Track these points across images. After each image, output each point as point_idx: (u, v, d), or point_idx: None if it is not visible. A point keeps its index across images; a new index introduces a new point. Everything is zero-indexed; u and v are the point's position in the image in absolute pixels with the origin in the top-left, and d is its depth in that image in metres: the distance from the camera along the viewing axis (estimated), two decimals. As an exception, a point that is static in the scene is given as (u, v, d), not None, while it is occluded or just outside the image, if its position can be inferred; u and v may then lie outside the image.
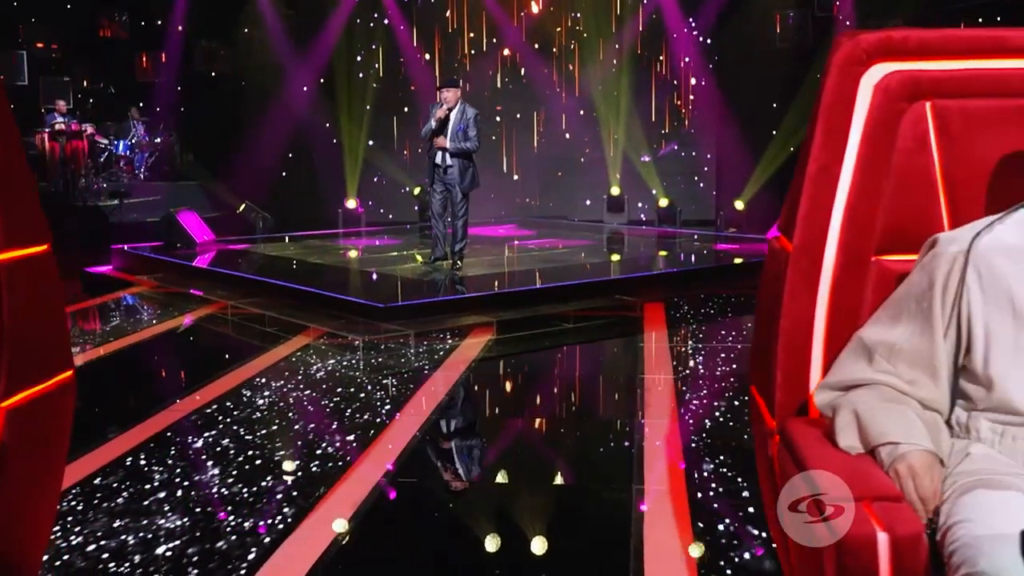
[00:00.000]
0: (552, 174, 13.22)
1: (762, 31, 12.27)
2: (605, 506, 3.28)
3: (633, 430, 4.07)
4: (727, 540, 2.89)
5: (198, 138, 13.39)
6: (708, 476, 3.45)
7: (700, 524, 3.00)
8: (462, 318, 6.15)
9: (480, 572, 2.83)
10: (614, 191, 12.46)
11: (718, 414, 4.24)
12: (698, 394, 4.62)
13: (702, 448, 3.80)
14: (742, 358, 5.23)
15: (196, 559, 2.78)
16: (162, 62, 13.68)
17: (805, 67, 10.19)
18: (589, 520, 3.18)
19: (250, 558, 2.79)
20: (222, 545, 2.88)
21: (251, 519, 3.09)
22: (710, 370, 5.06)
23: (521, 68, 13.15)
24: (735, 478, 3.40)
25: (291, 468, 3.61)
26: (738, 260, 8.64)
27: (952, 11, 11.37)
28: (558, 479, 3.58)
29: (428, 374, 5.06)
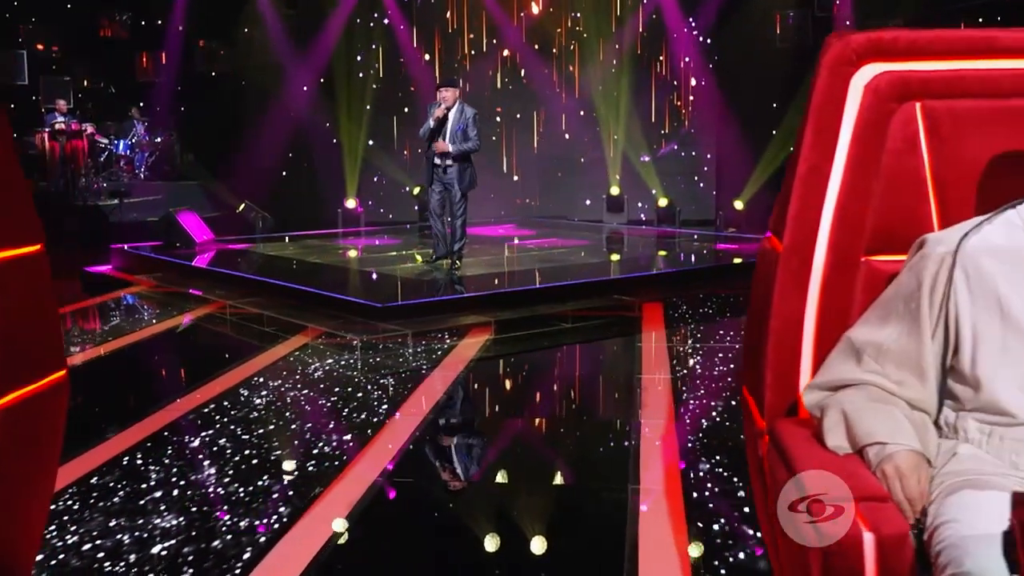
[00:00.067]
0: (552, 174, 13.22)
1: (762, 31, 12.27)
2: (601, 506, 3.28)
3: (630, 430, 4.07)
4: (722, 540, 2.89)
5: (198, 138, 13.40)
6: (704, 476, 3.46)
7: (696, 524, 3.00)
8: (460, 318, 6.16)
9: (476, 571, 2.83)
10: (614, 191, 12.46)
11: (715, 414, 4.25)
12: (695, 394, 4.62)
13: (699, 448, 3.80)
14: (740, 358, 5.23)
15: (191, 558, 2.78)
16: (162, 62, 13.69)
17: (805, 67, 10.16)
18: (585, 520, 3.19)
19: (245, 557, 2.79)
20: (217, 544, 2.89)
21: (247, 518, 3.09)
22: (708, 370, 5.06)
23: (521, 68, 13.15)
24: (731, 478, 3.40)
25: (287, 468, 3.61)
26: (737, 260, 8.63)
27: (952, 11, 11.37)
28: (555, 479, 3.59)
29: (426, 374, 5.06)
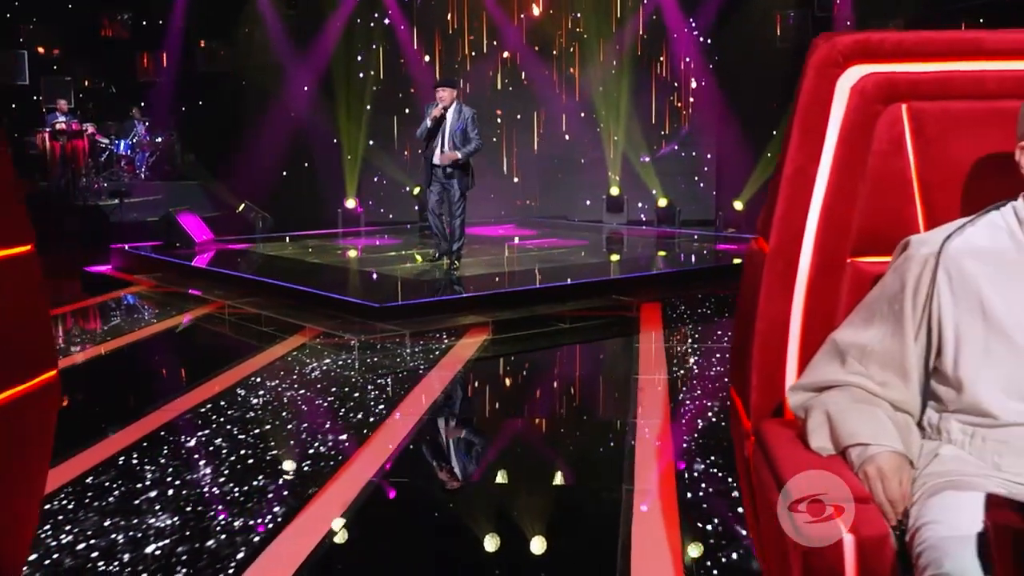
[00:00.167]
0: (552, 174, 13.22)
1: (762, 31, 12.27)
2: (596, 506, 3.28)
3: (626, 430, 4.07)
4: (716, 540, 2.89)
5: (198, 138, 13.41)
6: (699, 476, 3.46)
7: (689, 524, 3.01)
8: (458, 318, 6.16)
9: (471, 571, 2.84)
10: (614, 191, 12.47)
11: (711, 414, 4.25)
12: (692, 394, 4.62)
13: (694, 448, 3.80)
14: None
15: (185, 558, 2.79)
16: (163, 62, 13.71)
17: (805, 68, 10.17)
18: (579, 520, 3.19)
19: (239, 557, 2.80)
20: (211, 544, 2.89)
21: (241, 518, 3.10)
22: (705, 371, 5.06)
23: (521, 69, 13.15)
24: (726, 478, 3.40)
25: (283, 467, 3.62)
26: (737, 261, 8.62)
27: (952, 11, 11.35)
28: (550, 479, 3.58)
29: (423, 374, 5.07)
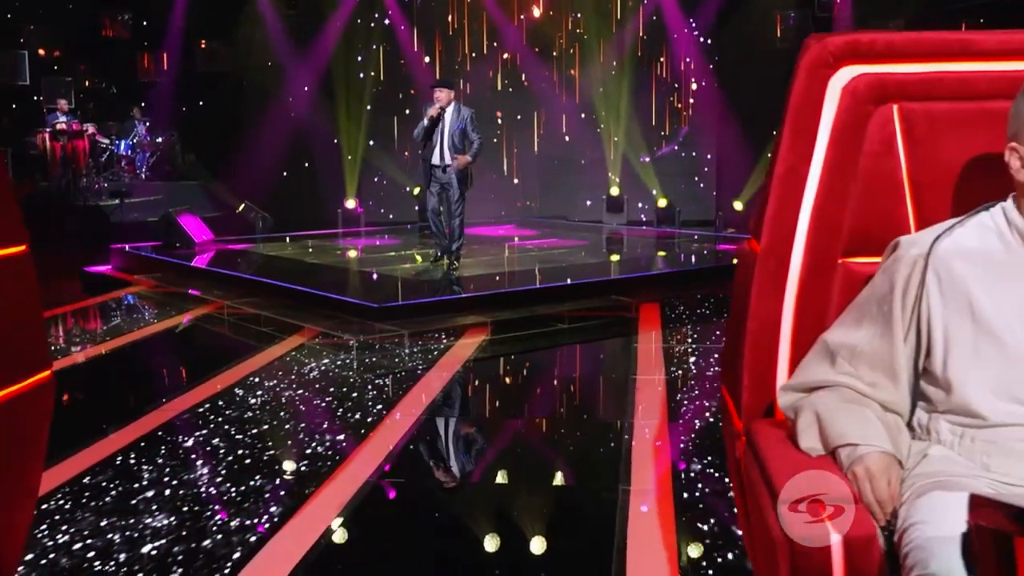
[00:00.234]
0: (552, 175, 13.22)
1: (762, 31, 12.26)
2: (592, 506, 3.28)
3: (623, 430, 4.07)
4: (712, 540, 2.90)
5: (199, 138, 13.41)
6: (696, 476, 3.46)
7: (686, 524, 3.01)
8: (457, 318, 6.16)
9: (467, 571, 2.84)
10: (613, 192, 12.47)
11: (709, 415, 4.25)
12: (690, 395, 4.62)
13: (691, 449, 3.81)
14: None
15: (181, 558, 2.79)
16: (163, 62, 13.71)
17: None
18: (575, 520, 3.19)
19: (235, 557, 2.80)
20: (208, 544, 2.90)
21: (238, 518, 3.10)
22: (703, 371, 5.06)
23: (521, 70, 13.15)
24: (723, 478, 3.40)
25: (280, 468, 3.62)
26: (736, 261, 8.61)
27: (953, 11, 11.34)
28: (547, 479, 3.59)
29: (422, 374, 5.07)
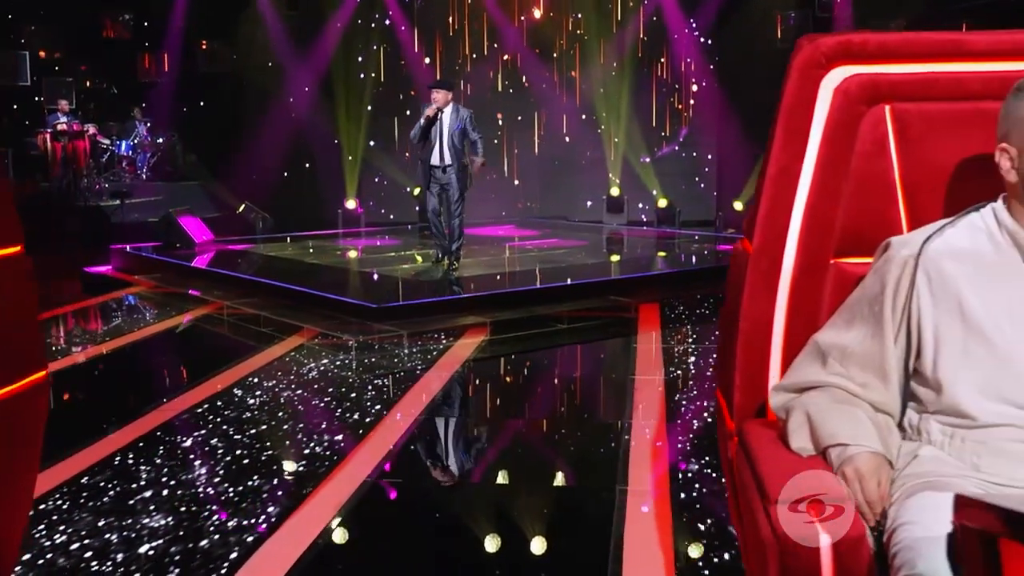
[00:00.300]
0: (553, 175, 13.23)
1: (763, 31, 12.26)
2: (589, 506, 3.29)
3: (622, 431, 4.07)
4: (708, 540, 2.90)
5: (199, 138, 13.43)
6: (693, 477, 3.46)
7: (683, 525, 3.01)
8: (456, 318, 6.17)
9: (462, 571, 2.85)
10: (614, 192, 12.47)
11: (707, 415, 4.25)
12: (688, 395, 4.63)
13: (689, 449, 3.81)
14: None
15: (178, 558, 2.80)
16: (164, 62, 13.73)
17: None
18: (573, 520, 3.19)
19: (232, 557, 2.80)
20: (205, 544, 2.90)
21: (235, 518, 3.10)
22: (702, 371, 5.06)
23: (522, 71, 13.15)
24: (720, 479, 3.40)
25: (278, 468, 3.63)
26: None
27: (954, 11, 11.33)
28: (545, 479, 3.59)
29: (420, 374, 5.07)
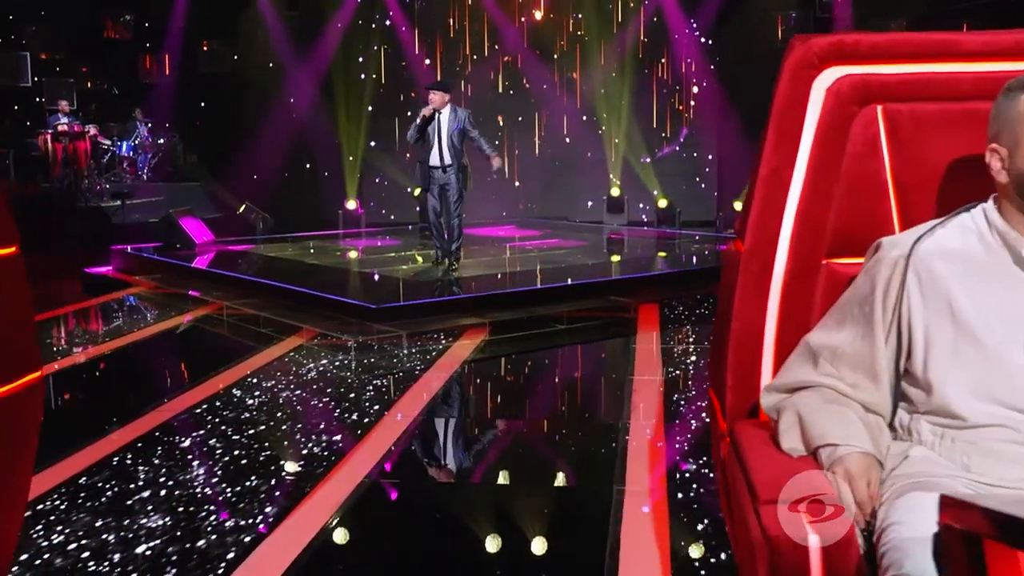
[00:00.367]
0: (553, 176, 13.24)
1: (763, 32, 12.26)
2: (586, 506, 3.29)
3: (620, 431, 4.07)
4: (705, 541, 2.90)
5: (200, 139, 13.44)
6: (690, 477, 3.46)
7: (680, 525, 3.01)
8: (456, 319, 6.17)
9: (460, 570, 2.85)
10: (614, 192, 12.48)
11: (705, 415, 4.24)
12: (687, 395, 4.63)
13: (687, 449, 3.81)
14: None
15: (175, 558, 2.80)
16: (164, 63, 13.74)
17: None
18: (569, 520, 3.19)
19: (229, 557, 2.81)
20: (202, 544, 2.90)
21: (233, 519, 3.11)
22: (701, 372, 5.06)
23: (523, 72, 13.16)
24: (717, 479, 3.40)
25: (276, 468, 3.63)
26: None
27: (954, 11, 11.32)
28: (543, 480, 3.59)
29: (419, 375, 5.07)
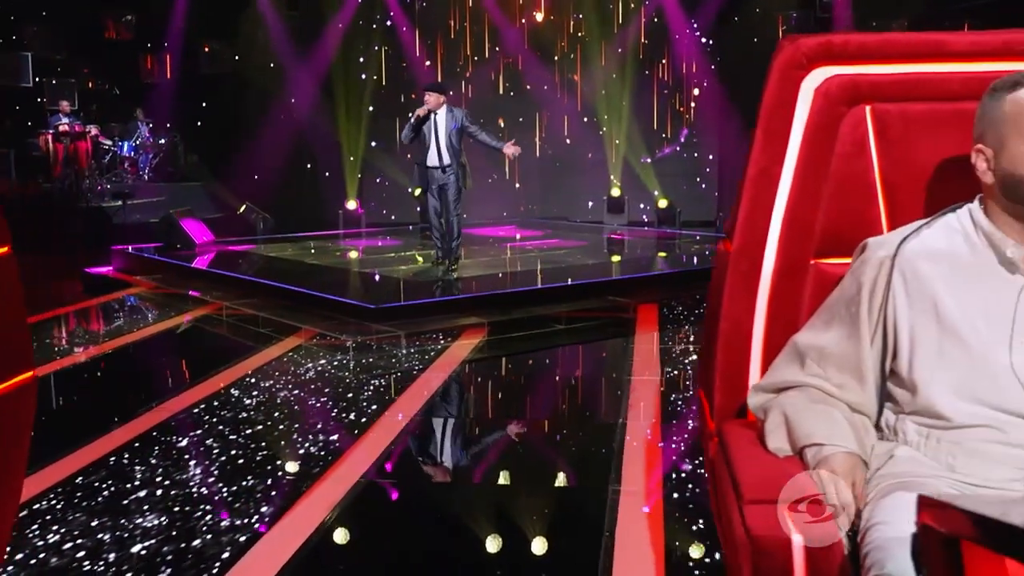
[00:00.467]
0: (554, 176, 13.24)
1: (764, 32, 12.25)
2: (582, 506, 3.29)
3: (617, 431, 4.07)
4: (701, 541, 2.90)
5: (201, 139, 13.45)
6: (687, 477, 3.46)
7: (675, 525, 3.01)
8: (454, 319, 6.17)
9: (453, 569, 2.85)
10: (615, 192, 12.48)
11: (702, 415, 4.25)
12: (684, 395, 4.63)
13: (684, 449, 3.81)
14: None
15: (170, 558, 2.80)
16: (165, 63, 13.75)
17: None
18: (565, 520, 3.19)
19: (224, 557, 2.81)
20: (197, 544, 2.91)
21: (229, 518, 3.11)
22: (698, 372, 5.05)
23: (523, 73, 13.16)
24: (713, 479, 3.40)
25: (273, 468, 3.63)
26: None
27: (955, 11, 11.31)
28: (539, 479, 3.59)
29: (417, 374, 5.08)
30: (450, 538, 3.04)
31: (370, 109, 12.73)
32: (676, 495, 3.27)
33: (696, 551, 2.83)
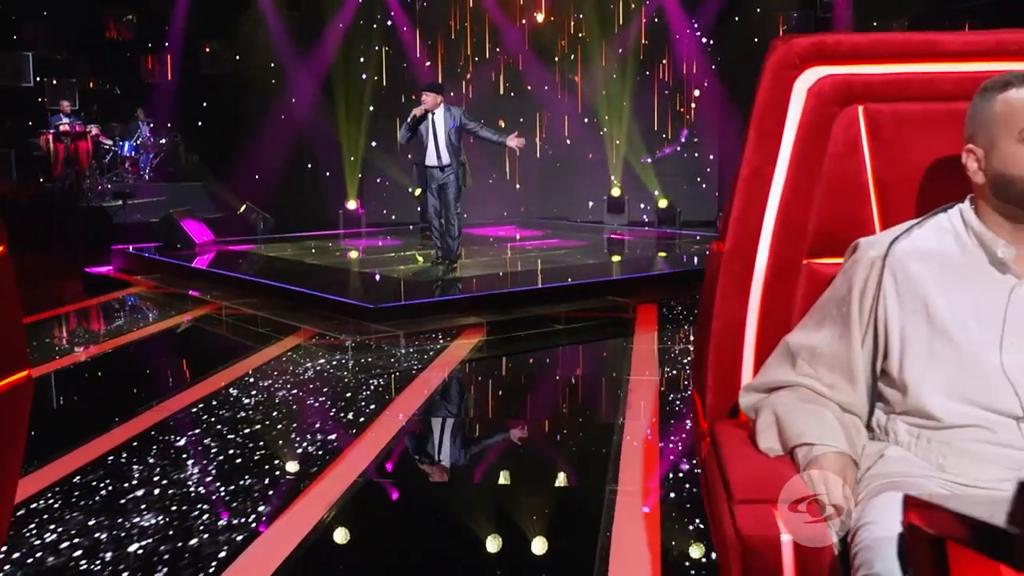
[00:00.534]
0: (554, 177, 13.25)
1: (764, 32, 12.25)
2: (579, 506, 3.29)
3: (614, 431, 4.07)
4: (697, 541, 2.90)
5: (201, 139, 13.46)
6: (684, 477, 3.46)
7: (672, 525, 3.01)
8: (454, 319, 6.18)
9: (450, 569, 2.85)
10: (615, 192, 12.48)
11: (700, 415, 4.25)
12: (683, 395, 4.62)
13: (681, 449, 3.81)
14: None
15: (167, 557, 2.81)
16: (166, 63, 13.76)
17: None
18: (562, 520, 3.19)
19: (220, 556, 2.81)
20: (194, 543, 2.91)
21: (226, 518, 3.11)
22: (697, 371, 5.06)
23: (524, 73, 13.16)
24: (710, 479, 3.40)
25: (270, 467, 3.64)
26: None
27: (955, 11, 11.31)
28: (536, 479, 3.59)
29: (416, 374, 5.08)
30: (448, 537, 3.05)
31: (370, 109, 12.74)
32: (674, 495, 3.27)
33: (693, 551, 2.83)
